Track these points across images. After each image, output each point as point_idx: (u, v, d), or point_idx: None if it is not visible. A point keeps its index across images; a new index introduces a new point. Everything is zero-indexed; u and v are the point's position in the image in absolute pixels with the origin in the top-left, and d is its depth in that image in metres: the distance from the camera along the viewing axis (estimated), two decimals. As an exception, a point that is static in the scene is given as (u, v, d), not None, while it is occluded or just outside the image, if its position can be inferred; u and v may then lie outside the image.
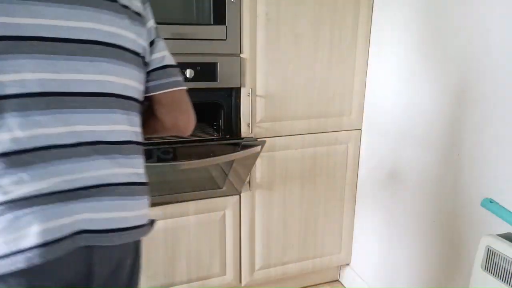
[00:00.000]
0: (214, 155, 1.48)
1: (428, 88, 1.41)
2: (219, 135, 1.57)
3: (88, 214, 0.71)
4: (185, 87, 0.91)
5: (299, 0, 1.55)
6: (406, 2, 1.48)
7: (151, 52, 0.86)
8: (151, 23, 0.86)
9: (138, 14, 0.81)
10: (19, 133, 0.65)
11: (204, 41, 1.45)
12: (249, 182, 1.66)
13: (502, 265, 1.03)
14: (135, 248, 0.83)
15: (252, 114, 1.59)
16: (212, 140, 1.56)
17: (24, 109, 0.65)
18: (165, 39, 1.38)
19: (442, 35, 1.33)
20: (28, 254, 0.64)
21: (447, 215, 1.36)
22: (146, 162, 0.86)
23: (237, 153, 1.48)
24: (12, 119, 0.64)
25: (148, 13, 0.85)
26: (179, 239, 1.62)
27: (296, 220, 1.82)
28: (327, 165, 1.79)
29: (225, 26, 1.46)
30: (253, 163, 1.58)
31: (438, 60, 1.37)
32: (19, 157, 0.65)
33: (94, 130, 0.73)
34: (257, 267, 1.80)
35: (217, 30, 1.45)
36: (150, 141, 1.40)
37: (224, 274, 1.75)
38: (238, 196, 1.67)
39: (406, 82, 1.52)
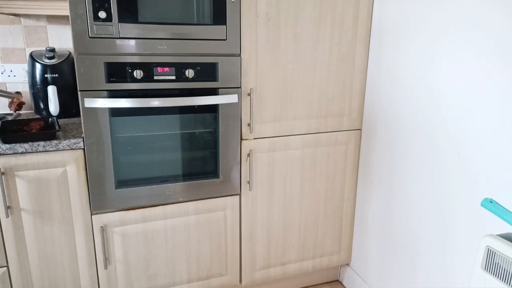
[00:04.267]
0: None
1: (428, 88, 1.41)
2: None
3: None
4: None
5: (299, 0, 1.55)
6: (406, 2, 1.48)
7: None
8: None
9: None
10: None
11: (204, 41, 1.45)
12: (249, 182, 1.66)
13: (502, 265, 1.03)
14: None
15: (252, 114, 1.59)
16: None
17: None
18: (165, 39, 1.40)
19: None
20: None
21: (447, 215, 1.36)
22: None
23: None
24: None
25: None
26: (179, 239, 1.62)
27: (296, 220, 1.82)
28: (327, 165, 1.80)
29: (225, 26, 1.46)
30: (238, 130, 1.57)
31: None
32: None
33: None
34: (257, 267, 1.81)
35: (217, 30, 1.45)
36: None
37: (224, 274, 1.75)
38: (238, 196, 1.67)
39: (406, 82, 1.52)
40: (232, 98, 1.50)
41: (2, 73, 1.78)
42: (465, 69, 1.25)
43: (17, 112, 1.73)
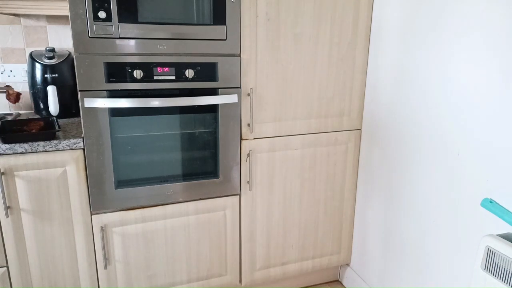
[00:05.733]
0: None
1: (428, 88, 1.41)
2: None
3: None
4: None
5: (299, 0, 1.55)
6: (406, 2, 1.48)
7: None
8: None
9: None
10: None
11: (204, 41, 1.45)
12: (248, 182, 1.66)
13: (502, 265, 1.02)
14: None
15: (252, 114, 1.59)
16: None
17: None
18: (165, 39, 1.40)
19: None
20: None
21: (447, 215, 1.36)
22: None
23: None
24: None
25: None
26: (179, 239, 1.62)
27: (296, 220, 1.82)
28: (327, 165, 1.80)
29: (225, 26, 1.46)
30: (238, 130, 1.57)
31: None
32: None
33: None
34: (257, 267, 1.81)
35: (217, 30, 1.45)
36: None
37: (224, 274, 1.75)
38: (238, 196, 1.67)
39: (405, 82, 1.52)
40: (232, 98, 1.50)
41: (2, 73, 1.78)
42: (465, 69, 1.25)
43: (17, 111, 1.73)
